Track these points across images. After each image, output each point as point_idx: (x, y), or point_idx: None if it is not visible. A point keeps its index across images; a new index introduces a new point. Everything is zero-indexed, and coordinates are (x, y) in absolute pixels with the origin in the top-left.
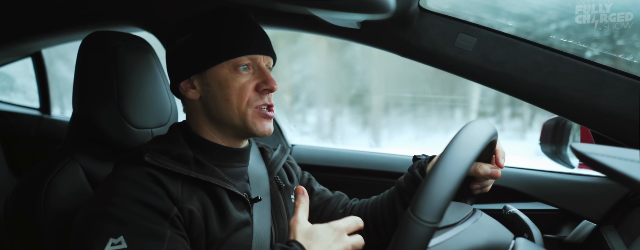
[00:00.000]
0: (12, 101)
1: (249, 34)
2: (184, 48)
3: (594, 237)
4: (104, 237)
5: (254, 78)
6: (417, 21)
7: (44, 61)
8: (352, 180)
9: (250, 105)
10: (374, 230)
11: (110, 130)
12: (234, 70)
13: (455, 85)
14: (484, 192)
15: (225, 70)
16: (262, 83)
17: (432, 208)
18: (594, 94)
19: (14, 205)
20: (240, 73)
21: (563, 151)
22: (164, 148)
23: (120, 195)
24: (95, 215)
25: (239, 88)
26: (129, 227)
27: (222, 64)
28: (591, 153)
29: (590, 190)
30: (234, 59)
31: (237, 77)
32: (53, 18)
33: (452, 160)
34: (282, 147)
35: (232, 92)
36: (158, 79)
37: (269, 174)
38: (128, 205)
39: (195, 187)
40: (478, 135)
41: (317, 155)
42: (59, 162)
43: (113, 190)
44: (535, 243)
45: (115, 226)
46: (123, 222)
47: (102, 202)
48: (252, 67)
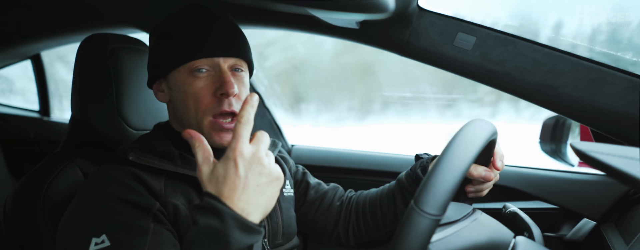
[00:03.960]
0: (12, 104)
1: (208, 35)
2: (151, 52)
3: (594, 235)
4: (86, 238)
5: (213, 82)
6: (416, 21)
7: (43, 63)
8: (352, 180)
9: (206, 114)
10: (373, 223)
11: (109, 132)
12: (190, 74)
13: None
14: (479, 197)
15: (183, 75)
16: (219, 87)
17: (436, 201)
18: (594, 92)
19: (14, 207)
20: (197, 77)
21: (563, 149)
22: (147, 146)
23: (101, 195)
24: (77, 216)
25: (194, 93)
26: (110, 225)
27: (179, 68)
28: (591, 151)
29: (590, 188)
30: (188, 62)
31: (193, 81)
32: (52, 20)
33: (455, 154)
34: (273, 141)
35: (188, 97)
36: None
37: None
38: (108, 203)
39: (180, 183)
40: (480, 132)
41: (317, 156)
42: (58, 165)
43: (94, 189)
44: (536, 242)
45: (97, 226)
46: (104, 221)
47: (83, 202)
48: (212, 70)
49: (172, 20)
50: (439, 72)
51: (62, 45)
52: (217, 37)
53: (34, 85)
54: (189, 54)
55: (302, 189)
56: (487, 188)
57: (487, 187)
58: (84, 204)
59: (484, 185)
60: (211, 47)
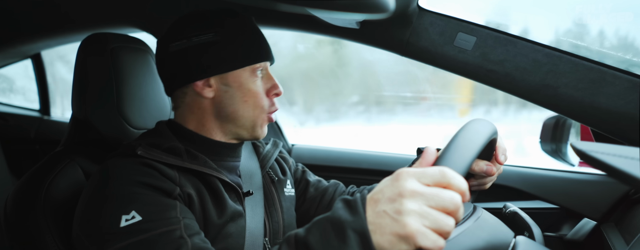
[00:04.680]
0: (12, 103)
1: (264, 40)
2: (204, 47)
3: (594, 235)
4: (114, 217)
5: (264, 83)
6: (417, 20)
7: (43, 63)
8: (353, 180)
9: (264, 110)
10: None
11: (110, 131)
12: (253, 74)
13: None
14: (482, 190)
15: (246, 74)
16: (271, 88)
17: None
18: (594, 92)
19: (14, 206)
20: (258, 77)
21: (563, 149)
22: (153, 142)
23: (120, 179)
24: (98, 201)
25: (256, 91)
26: (137, 201)
27: (246, 67)
28: (591, 151)
29: (590, 188)
30: (255, 63)
31: (255, 80)
32: (52, 19)
33: (456, 152)
34: (274, 141)
35: (250, 94)
36: (157, 80)
37: (262, 168)
38: (129, 186)
39: (189, 176)
40: (481, 130)
41: (317, 155)
42: (59, 164)
43: (110, 177)
44: (536, 241)
45: (122, 204)
46: (130, 199)
47: (101, 188)
48: (262, 72)
49: (228, 21)
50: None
51: (62, 45)
52: (267, 43)
53: (35, 85)
54: (259, 56)
55: (302, 187)
56: (490, 181)
57: (490, 180)
58: (102, 190)
59: (487, 179)
60: (268, 52)
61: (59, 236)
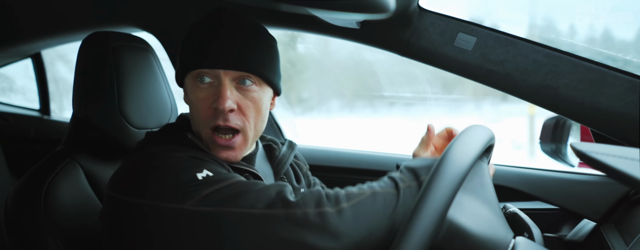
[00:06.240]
0: (12, 102)
1: (212, 43)
2: (183, 44)
3: (594, 236)
4: (190, 173)
5: (213, 93)
6: (417, 21)
7: (43, 62)
8: (352, 180)
9: (204, 125)
10: None
11: (110, 130)
12: (195, 81)
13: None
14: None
15: (190, 81)
16: (213, 100)
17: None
18: (594, 92)
19: (14, 206)
20: (199, 86)
21: (563, 150)
22: (176, 140)
23: (178, 151)
24: (162, 170)
25: (195, 101)
26: (205, 165)
27: (188, 75)
28: (591, 152)
29: (590, 189)
30: (194, 70)
31: (196, 90)
32: (53, 19)
33: (452, 165)
34: (289, 143)
35: (191, 104)
36: (158, 79)
37: (275, 173)
38: (191, 158)
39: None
40: (480, 135)
41: (317, 155)
42: (59, 163)
43: (165, 151)
44: (535, 242)
45: (192, 166)
46: (197, 163)
47: (161, 160)
48: (215, 81)
49: (195, 24)
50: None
51: (63, 44)
52: (220, 48)
53: (35, 84)
54: (195, 62)
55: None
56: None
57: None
58: (163, 160)
59: None
60: (213, 57)
61: (60, 236)
